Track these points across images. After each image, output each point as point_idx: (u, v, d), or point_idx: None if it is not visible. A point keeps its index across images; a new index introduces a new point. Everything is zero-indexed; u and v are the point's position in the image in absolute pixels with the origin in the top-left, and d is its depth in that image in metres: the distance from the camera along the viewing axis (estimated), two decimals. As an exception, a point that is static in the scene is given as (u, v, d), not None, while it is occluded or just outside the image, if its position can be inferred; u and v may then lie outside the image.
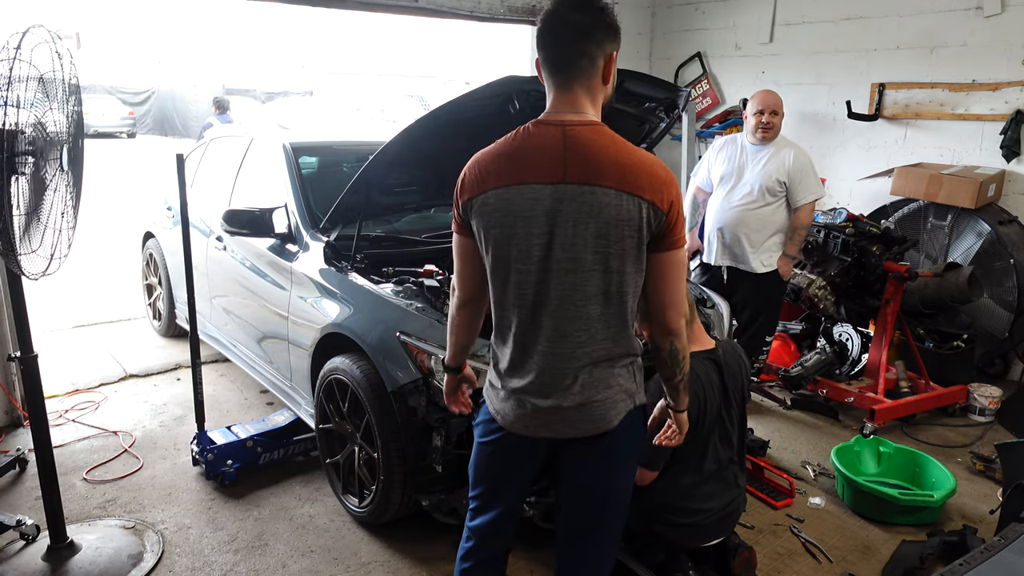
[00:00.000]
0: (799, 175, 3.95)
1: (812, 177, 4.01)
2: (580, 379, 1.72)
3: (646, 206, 1.62)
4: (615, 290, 1.68)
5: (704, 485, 2.50)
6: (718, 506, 2.51)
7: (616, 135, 1.68)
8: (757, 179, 4.00)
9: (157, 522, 3.08)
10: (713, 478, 2.52)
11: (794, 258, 4.12)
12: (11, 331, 3.64)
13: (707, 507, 2.48)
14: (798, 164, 3.96)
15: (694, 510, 2.47)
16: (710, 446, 2.50)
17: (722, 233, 4.13)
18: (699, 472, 2.49)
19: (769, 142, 4.04)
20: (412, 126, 2.92)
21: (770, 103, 3.99)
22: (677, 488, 2.47)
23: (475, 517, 1.94)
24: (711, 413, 2.45)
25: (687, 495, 2.47)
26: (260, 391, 4.38)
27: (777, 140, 4.05)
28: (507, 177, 1.66)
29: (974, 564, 1.59)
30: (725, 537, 2.61)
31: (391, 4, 5.21)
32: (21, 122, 2.25)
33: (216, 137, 4.86)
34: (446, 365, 2.04)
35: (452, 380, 2.08)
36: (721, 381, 2.49)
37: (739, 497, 2.61)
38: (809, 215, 4.05)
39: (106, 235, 8.34)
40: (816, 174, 4.06)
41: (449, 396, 2.11)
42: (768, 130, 3.99)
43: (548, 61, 1.69)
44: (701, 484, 2.49)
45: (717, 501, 2.51)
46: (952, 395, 4.26)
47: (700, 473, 2.49)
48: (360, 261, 3.26)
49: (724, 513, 2.53)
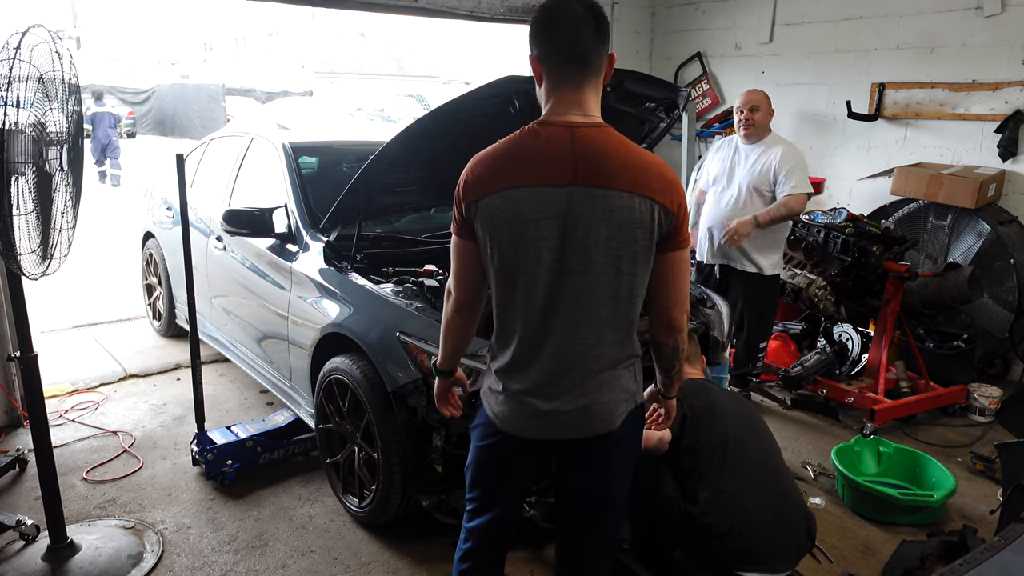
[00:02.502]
0: (784, 169, 3.91)
1: (800, 173, 3.93)
2: (587, 381, 1.72)
3: (658, 208, 1.62)
4: (625, 292, 1.68)
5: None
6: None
7: (624, 137, 1.68)
8: (745, 179, 4.01)
9: (157, 522, 3.08)
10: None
11: (759, 223, 3.88)
12: (11, 331, 3.64)
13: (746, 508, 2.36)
14: (785, 160, 3.92)
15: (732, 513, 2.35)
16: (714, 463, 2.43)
17: (712, 233, 4.14)
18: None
19: (757, 140, 4.03)
20: (412, 126, 2.92)
21: (748, 100, 3.98)
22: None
23: (473, 518, 1.93)
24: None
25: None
26: (260, 391, 4.38)
27: (768, 139, 4.04)
28: (514, 179, 1.63)
29: (974, 564, 1.58)
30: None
31: (391, 4, 5.22)
32: (21, 122, 2.25)
33: (216, 137, 4.86)
34: (437, 368, 2.00)
35: (443, 383, 2.04)
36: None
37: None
38: (799, 203, 3.91)
39: (106, 235, 8.34)
40: (806, 172, 4.00)
41: (440, 399, 2.07)
42: (750, 127, 3.99)
43: (559, 56, 1.65)
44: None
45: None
46: (952, 395, 4.26)
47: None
48: (360, 261, 3.26)
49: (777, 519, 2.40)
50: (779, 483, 2.50)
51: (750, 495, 2.38)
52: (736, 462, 2.42)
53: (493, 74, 2.86)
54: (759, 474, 2.45)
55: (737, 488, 2.38)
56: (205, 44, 40.94)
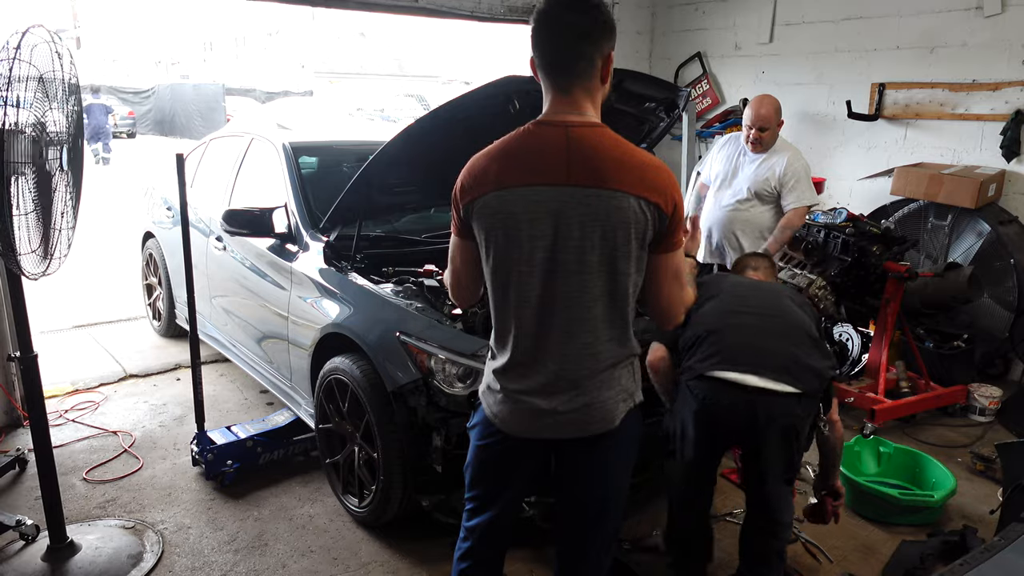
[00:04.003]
0: (790, 181, 3.90)
1: (804, 183, 3.93)
2: (586, 380, 1.72)
3: (652, 208, 1.62)
4: (620, 291, 1.68)
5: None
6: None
7: (619, 136, 1.67)
8: (747, 181, 3.99)
9: (157, 522, 3.08)
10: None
11: (769, 255, 3.93)
12: (11, 331, 3.63)
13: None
14: (790, 170, 3.90)
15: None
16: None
17: (711, 233, 4.14)
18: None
19: (762, 152, 4.02)
20: (412, 126, 2.93)
21: (760, 118, 3.89)
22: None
23: (472, 518, 1.93)
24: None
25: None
26: (260, 391, 4.38)
27: (775, 145, 4.02)
28: (509, 178, 1.64)
29: (974, 564, 1.58)
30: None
31: (391, 4, 5.21)
32: (21, 122, 2.25)
33: (216, 137, 4.86)
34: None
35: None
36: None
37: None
38: (799, 218, 3.96)
39: (106, 235, 8.34)
40: (810, 180, 3.99)
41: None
42: (758, 144, 3.96)
43: (545, 64, 1.67)
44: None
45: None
46: (952, 395, 4.26)
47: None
48: (360, 261, 3.26)
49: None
50: (779, 325, 2.45)
51: (737, 327, 2.42)
52: (727, 307, 2.47)
53: (493, 74, 2.86)
54: (755, 317, 2.45)
55: (723, 322, 2.43)
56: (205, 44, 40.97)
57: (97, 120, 17.46)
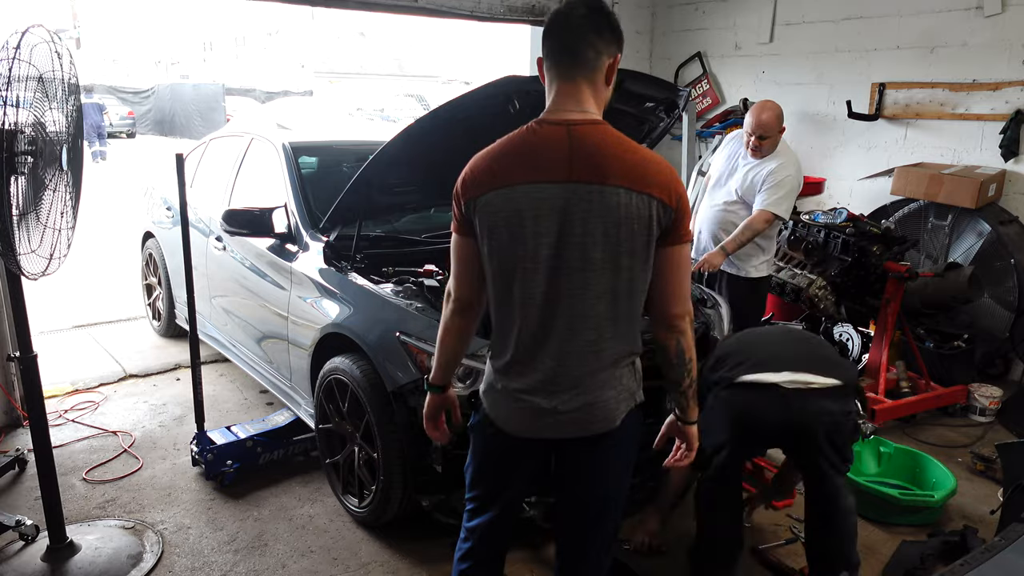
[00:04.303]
0: (769, 184, 3.78)
1: (783, 192, 3.76)
2: (587, 379, 1.72)
3: (655, 203, 1.62)
4: (624, 288, 1.68)
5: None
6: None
7: (620, 133, 1.68)
8: (739, 182, 3.94)
9: (157, 522, 3.08)
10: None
11: (727, 253, 3.80)
12: (11, 331, 3.63)
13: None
14: (773, 175, 3.78)
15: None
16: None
17: (701, 231, 4.12)
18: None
19: (761, 158, 3.97)
20: (412, 126, 2.92)
21: (761, 125, 3.78)
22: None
23: (472, 518, 1.93)
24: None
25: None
26: (260, 391, 4.38)
27: (776, 151, 3.91)
28: (512, 176, 1.64)
29: (975, 564, 1.58)
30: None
31: (391, 4, 5.21)
32: (21, 122, 2.25)
33: (216, 137, 4.86)
34: (430, 383, 1.90)
35: (434, 401, 1.93)
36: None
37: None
38: (762, 223, 3.77)
39: (106, 235, 8.34)
40: (792, 194, 3.83)
41: (428, 419, 1.95)
42: (757, 151, 3.87)
43: (554, 50, 1.68)
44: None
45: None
46: (952, 395, 4.26)
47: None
48: (360, 261, 3.26)
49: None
50: (798, 333, 2.69)
51: (760, 339, 2.64)
52: (743, 335, 2.68)
53: (493, 74, 2.86)
54: (774, 333, 2.73)
55: (744, 340, 2.64)
56: (205, 44, 40.97)
57: (92, 119, 18.28)
